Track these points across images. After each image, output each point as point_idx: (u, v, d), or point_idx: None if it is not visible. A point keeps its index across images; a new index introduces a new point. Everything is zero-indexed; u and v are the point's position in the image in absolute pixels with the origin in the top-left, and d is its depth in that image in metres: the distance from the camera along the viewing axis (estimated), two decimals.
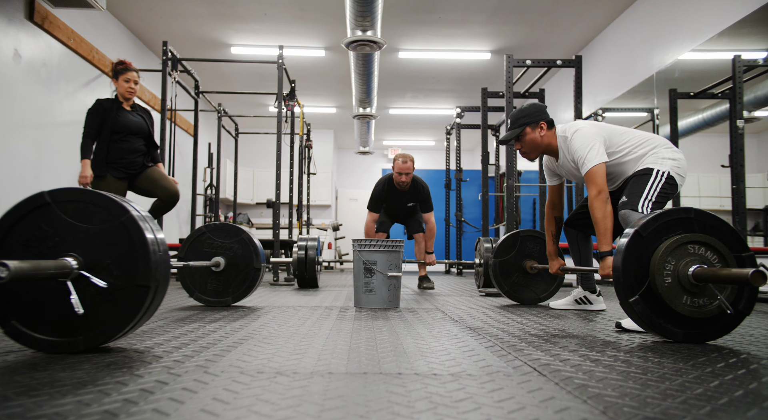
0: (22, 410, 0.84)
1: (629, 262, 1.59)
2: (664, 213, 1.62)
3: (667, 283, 1.54)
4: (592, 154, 2.15)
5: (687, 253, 1.55)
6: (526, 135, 2.35)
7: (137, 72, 3.51)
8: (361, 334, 1.71)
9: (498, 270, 2.88)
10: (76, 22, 4.90)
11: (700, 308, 1.54)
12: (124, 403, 0.89)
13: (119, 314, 1.36)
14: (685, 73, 5.14)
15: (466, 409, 0.87)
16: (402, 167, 4.10)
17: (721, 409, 0.88)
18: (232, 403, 0.89)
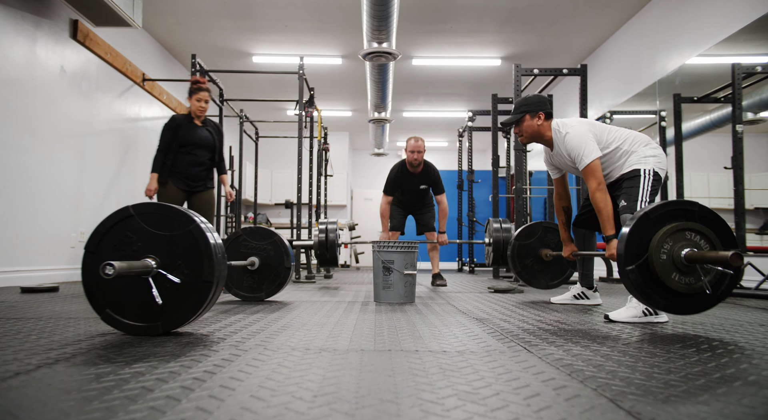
0: (145, 369, 1.16)
1: (633, 237, 1.88)
2: (672, 202, 1.91)
3: (662, 260, 1.83)
4: (587, 150, 2.45)
5: (684, 238, 1.84)
6: (525, 121, 2.63)
7: (209, 91, 3.83)
8: (383, 323, 2.02)
9: (516, 251, 3.20)
10: (113, 38, 5.27)
11: (687, 285, 1.82)
12: (214, 367, 1.20)
13: (189, 304, 1.68)
14: (689, 78, 5.35)
15: (467, 373, 1.17)
16: (414, 146, 4.42)
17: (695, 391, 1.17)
18: (293, 368, 1.20)
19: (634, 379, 1.12)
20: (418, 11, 5.64)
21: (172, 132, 3.73)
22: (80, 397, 0.95)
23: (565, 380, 1.11)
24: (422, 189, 4.57)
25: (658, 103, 5.67)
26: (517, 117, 2.65)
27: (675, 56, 5.21)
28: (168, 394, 0.97)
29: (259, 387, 1.03)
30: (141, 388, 1.01)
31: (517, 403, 0.94)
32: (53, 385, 1.03)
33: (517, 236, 3.26)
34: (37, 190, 4.19)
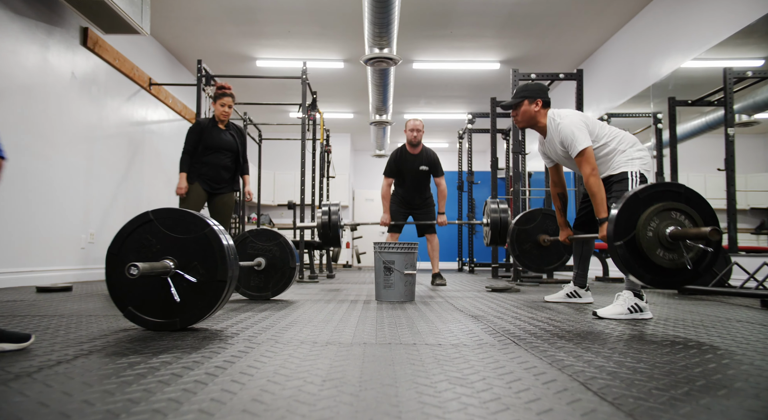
0: (171, 359, 1.30)
1: (623, 215, 2.02)
2: (660, 184, 2.05)
3: (648, 237, 1.97)
4: (581, 138, 2.60)
5: (670, 217, 1.98)
6: (523, 106, 2.78)
7: (233, 96, 3.98)
8: (384, 320, 2.16)
9: (516, 235, 3.35)
10: (120, 44, 5.42)
11: (670, 261, 1.96)
12: (232, 357, 1.34)
13: (204, 302, 1.81)
14: (684, 81, 5.47)
15: (458, 363, 1.30)
16: (413, 125, 4.62)
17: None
18: (303, 359, 1.33)
19: (606, 367, 1.25)
20: (419, 17, 5.77)
21: (197, 135, 3.88)
22: (119, 381, 1.08)
23: (546, 368, 1.25)
24: (422, 170, 4.68)
25: (652, 105, 5.80)
26: (516, 101, 2.80)
27: (668, 61, 5.34)
28: (195, 379, 1.11)
29: (274, 373, 1.16)
30: (171, 374, 1.15)
31: (500, 386, 1.07)
32: (93, 371, 1.17)
33: (517, 221, 3.42)
34: (48, 192, 4.34)
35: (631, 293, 2.36)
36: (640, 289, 2.38)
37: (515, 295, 3.53)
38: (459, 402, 0.95)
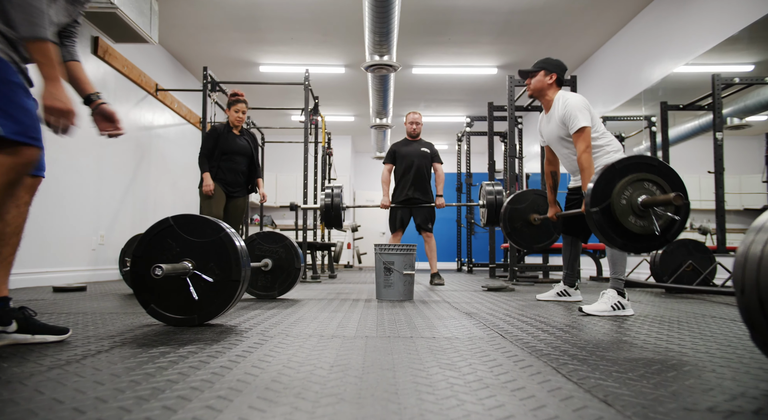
0: (196, 350, 1.47)
1: (600, 184, 2.20)
2: (636, 156, 2.22)
3: (622, 204, 2.15)
4: (583, 116, 2.76)
5: (642, 187, 2.16)
6: (538, 75, 2.97)
7: (246, 103, 4.14)
8: (384, 316, 2.33)
9: (508, 214, 3.54)
10: (129, 52, 5.59)
11: (641, 227, 2.15)
12: (249, 348, 1.51)
13: (220, 300, 1.99)
14: (677, 85, 5.63)
15: (449, 352, 1.48)
16: (413, 118, 4.92)
17: None
18: (312, 349, 1.51)
19: (578, 355, 1.43)
20: (418, 24, 5.94)
21: (214, 140, 4.04)
22: (155, 366, 1.26)
23: (525, 356, 1.42)
24: (423, 151, 4.85)
25: (643, 109, 5.98)
26: (534, 69, 3.00)
27: (659, 68, 5.52)
28: (221, 365, 1.28)
29: (288, 361, 1.34)
30: (198, 361, 1.32)
31: (483, 370, 1.25)
32: (131, 359, 1.35)
33: (510, 201, 3.61)
34: (62, 196, 4.51)
35: (615, 292, 2.53)
36: (623, 288, 2.56)
37: (510, 295, 3.70)
38: (447, 382, 1.13)
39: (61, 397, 0.98)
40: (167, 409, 0.91)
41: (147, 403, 0.95)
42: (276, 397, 0.99)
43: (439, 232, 6.50)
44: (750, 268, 1.05)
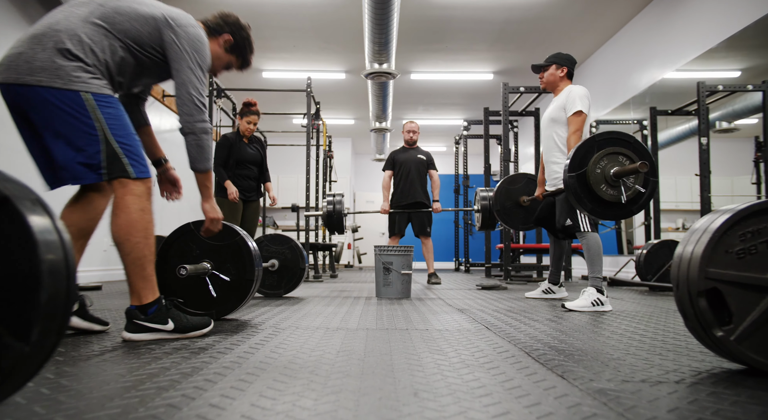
0: (219, 339, 1.70)
1: (579, 152, 2.44)
2: (614, 132, 2.46)
3: (596, 173, 2.39)
4: (583, 102, 3.02)
5: (617, 160, 2.40)
6: (550, 69, 3.23)
7: (259, 114, 4.31)
8: (383, 312, 2.56)
9: (501, 194, 3.79)
10: None
11: (611, 196, 2.40)
12: (265, 338, 1.74)
13: (235, 297, 2.21)
14: (662, 91, 5.85)
15: (439, 341, 1.70)
16: (410, 127, 5.20)
17: None
18: (320, 339, 1.73)
19: (550, 343, 1.65)
20: (416, 32, 6.17)
21: (227, 150, 4.22)
22: (189, 352, 1.48)
23: (505, 344, 1.65)
24: (420, 158, 5.10)
25: (632, 114, 6.22)
26: (546, 64, 3.25)
27: (646, 76, 5.75)
28: (244, 351, 1.51)
29: (300, 347, 1.56)
30: (224, 348, 1.55)
31: (467, 355, 1.47)
32: (165, 346, 1.57)
33: (504, 180, 3.85)
34: None
35: (595, 289, 2.75)
36: (602, 285, 2.78)
37: (501, 293, 3.93)
38: (435, 363, 1.35)
39: (112, 378, 1.21)
40: (209, 381, 1.14)
41: (191, 376, 1.17)
42: (294, 374, 1.22)
43: (437, 233, 6.72)
44: (682, 266, 1.28)
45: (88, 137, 1.54)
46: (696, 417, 0.91)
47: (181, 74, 1.70)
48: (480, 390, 1.08)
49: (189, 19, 1.79)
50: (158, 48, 1.71)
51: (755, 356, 1.21)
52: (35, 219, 0.76)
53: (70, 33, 1.55)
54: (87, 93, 1.54)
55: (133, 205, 1.62)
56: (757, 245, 1.22)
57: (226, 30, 2.00)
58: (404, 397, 1.02)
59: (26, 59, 1.50)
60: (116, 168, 1.59)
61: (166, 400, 0.99)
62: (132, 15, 1.67)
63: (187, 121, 1.74)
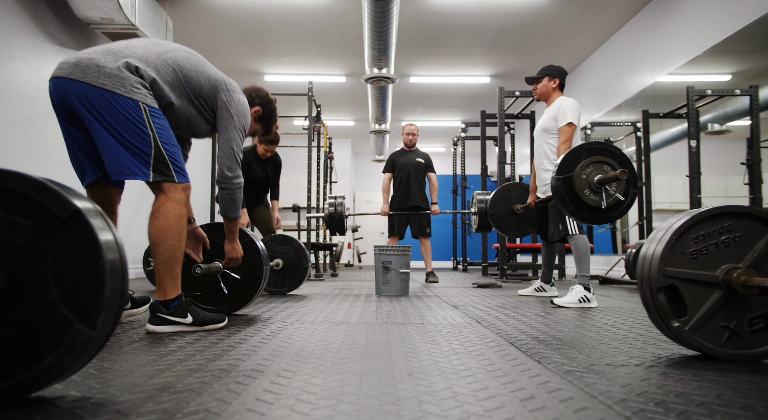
0: (234, 331, 1.87)
1: (568, 157, 2.62)
2: (602, 143, 2.64)
3: (581, 178, 2.57)
4: (573, 114, 3.21)
5: (601, 168, 2.58)
6: (543, 81, 3.42)
7: (278, 142, 4.49)
8: (382, 308, 2.73)
9: (496, 201, 3.98)
10: None
11: (592, 201, 2.58)
12: (275, 331, 1.91)
13: (246, 293, 2.39)
14: (653, 94, 6.01)
15: (433, 333, 1.88)
16: (409, 129, 5.32)
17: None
18: (325, 331, 1.91)
19: (533, 334, 1.83)
20: (415, 38, 6.33)
21: (244, 167, 4.41)
22: (208, 342, 1.66)
23: (493, 335, 1.82)
24: (418, 162, 5.26)
25: (623, 116, 6.40)
26: (539, 76, 3.45)
27: (638, 79, 5.92)
28: (258, 341, 1.68)
29: (308, 338, 1.74)
30: (239, 339, 1.72)
31: (457, 344, 1.65)
32: (185, 338, 1.75)
33: (501, 187, 4.03)
34: None
35: (582, 287, 2.93)
36: (588, 283, 2.96)
37: (496, 291, 4.10)
38: (428, 351, 1.53)
39: (146, 362, 1.38)
40: (232, 365, 1.31)
41: (215, 362, 1.35)
42: (304, 359, 1.39)
43: (436, 233, 6.89)
44: (645, 265, 1.45)
45: (143, 140, 1.74)
46: (643, 390, 1.08)
47: (228, 132, 1.98)
48: (465, 372, 1.26)
49: (239, 88, 2.09)
50: (210, 104, 1.98)
51: (706, 343, 1.38)
52: (99, 227, 0.93)
53: (142, 58, 1.79)
54: (144, 104, 1.74)
55: (173, 211, 1.82)
56: (707, 247, 1.40)
57: (257, 102, 2.31)
58: (400, 377, 1.20)
59: (97, 64, 1.71)
60: (162, 171, 1.79)
61: (198, 379, 1.16)
62: (199, 69, 1.94)
63: (226, 175, 2.00)
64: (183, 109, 1.93)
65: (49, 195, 0.90)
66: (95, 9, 4.30)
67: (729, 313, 1.38)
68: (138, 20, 4.60)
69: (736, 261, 1.38)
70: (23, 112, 4.07)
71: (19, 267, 0.90)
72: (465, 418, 0.89)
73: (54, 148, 4.32)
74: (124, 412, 0.91)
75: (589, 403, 0.99)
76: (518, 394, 1.05)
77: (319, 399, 1.01)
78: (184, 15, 5.77)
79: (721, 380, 1.17)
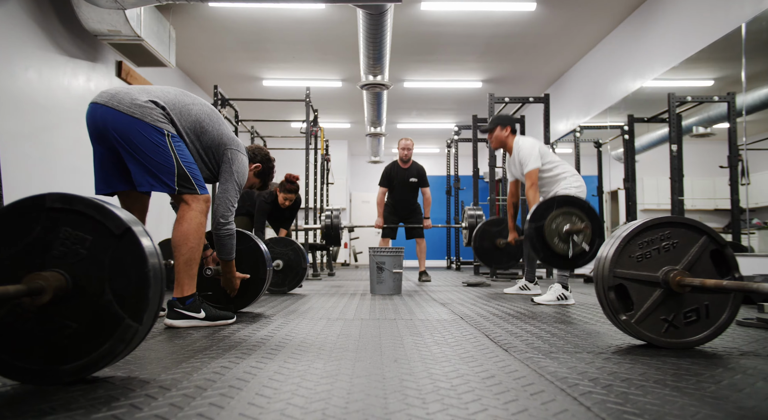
0: (241, 326, 2.11)
1: (541, 207, 2.87)
2: (572, 197, 2.88)
3: (552, 228, 2.81)
4: (532, 161, 3.43)
5: (570, 219, 2.82)
6: (496, 131, 3.66)
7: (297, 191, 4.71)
8: (376, 305, 2.97)
9: (480, 232, 4.22)
10: (146, 71, 6.20)
11: (560, 249, 2.82)
12: (278, 326, 2.15)
13: (251, 292, 2.62)
14: (644, 97, 6.24)
15: (420, 328, 2.12)
16: (404, 144, 5.49)
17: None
18: (324, 326, 2.14)
19: (508, 328, 2.07)
20: (409, 45, 6.56)
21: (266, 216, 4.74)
22: (221, 335, 1.89)
23: (472, 330, 2.06)
24: (412, 182, 5.49)
25: (608, 121, 6.66)
26: (491, 127, 3.70)
27: (623, 85, 6.17)
28: (264, 335, 1.92)
29: (308, 332, 1.97)
30: (248, 333, 1.96)
31: (440, 336, 1.88)
32: (200, 331, 1.98)
33: (485, 222, 4.26)
34: None
35: (560, 285, 3.17)
36: (567, 282, 3.20)
37: (484, 289, 4.34)
38: (414, 343, 1.76)
39: (172, 351, 1.62)
40: (245, 354, 1.55)
41: (229, 352, 1.58)
42: (306, 350, 1.63)
43: (430, 233, 7.13)
44: (599, 267, 1.69)
45: (167, 160, 2.00)
46: (584, 370, 1.32)
47: (227, 184, 2.27)
48: (442, 358, 1.49)
49: (244, 149, 2.41)
50: (217, 157, 2.27)
51: (649, 334, 1.63)
52: (145, 242, 1.16)
53: (170, 103, 2.08)
54: (168, 132, 2.02)
55: (195, 220, 2.07)
56: (651, 251, 1.64)
57: (257, 160, 2.68)
58: (387, 363, 1.43)
59: (131, 96, 1.99)
60: (185, 185, 2.06)
61: (220, 363, 1.40)
62: (216, 125, 2.24)
63: (220, 222, 2.27)
64: (192, 152, 2.18)
65: (106, 215, 1.14)
66: (103, 22, 4.51)
67: (668, 308, 1.62)
68: (143, 32, 4.81)
69: (674, 264, 1.63)
70: (36, 121, 4.29)
71: (83, 273, 1.13)
72: (435, 391, 1.13)
73: (64, 156, 4.54)
74: (165, 387, 1.14)
75: (537, 379, 1.23)
76: (482, 374, 1.28)
77: (320, 378, 1.24)
78: (186, 25, 5.98)
79: (651, 363, 1.41)
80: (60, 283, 1.11)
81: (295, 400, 1.06)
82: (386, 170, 5.58)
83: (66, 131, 4.68)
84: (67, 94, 4.73)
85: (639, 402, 1.05)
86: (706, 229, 1.64)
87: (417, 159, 5.76)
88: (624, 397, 1.08)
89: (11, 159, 3.87)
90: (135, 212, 2.24)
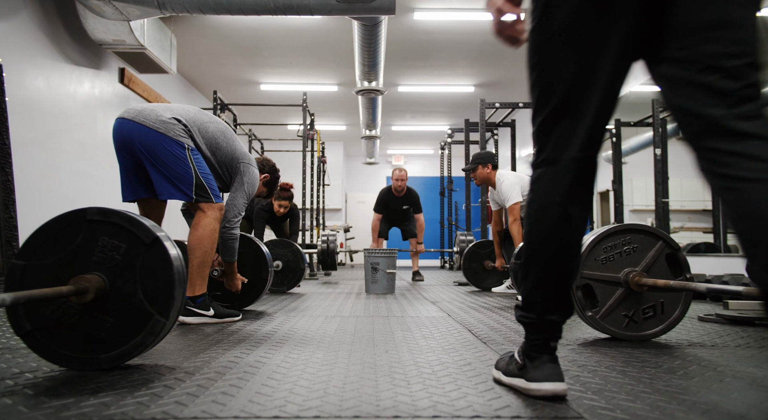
0: (248, 322, 2.30)
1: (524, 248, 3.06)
2: None
3: None
4: (513, 196, 3.62)
5: None
6: (478, 169, 3.87)
7: (292, 198, 4.93)
8: (370, 304, 3.17)
9: (469, 254, 4.39)
10: (148, 78, 6.37)
11: None
12: (281, 322, 2.34)
13: (254, 292, 2.82)
14: (635, 101, 6.45)
15: (410, 324, 2.32)
16: (398, 175, 5.66)
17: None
18: (322, 322, 2.34)
19: (490, 324, 2.27)
20: (403, 51, 6.76)
21: (263, 221, 4.96)
22: (230, 332, 2.08)
23: (457, 325, 2.27)
24: (405, 209, 5.73)
25: None
26: (473, 166, 3.91)
27: None
28: (268, 330, 2.11)
29: (308, 327, 2.17)
30: (254, 328, 2.15)
31: (427, 331, 2.09)
32: (210, 327, 2.17)
33: (474, 244, 4.44)
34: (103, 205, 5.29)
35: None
36: None
37: (474, 288, 4.55)
38: (403, 337, 1.96)
39: (190, 343, 1.81)
40: (253, 346, 1.75)
41: (238, 345, 1.78)
42: (307, 342, 1.83)
43: (426, 232, 7.34)
44: None
45: (186, 172, 2.20)
46: None
47: (237, 192, 2.50)
48: (428, 350, 1.70)
49: (255, 163, 2.61)
50: (230, 170, 2.49)
51: (611, 328, 1.83)
52: (171, 249, 1.36)
53: (191, 121, 2.29)
54: (188, 146, 2.22)
55: (209, 226, 2.26)
56: (614, 255, 1.85)
57: (266, 170, 2.95)
58: (379, 353, 1.63)
59: (156, 114, 2.19)
60: (202, 194, 2.25)
61: (233, 354, 1.59)
62: (230, 142, 2.45)
63: (226, 227, 2.46)
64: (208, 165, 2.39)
65: (138, 226, 1.33)
66: (108, 32, 4.69)
67: (628, 305, 1.83)
68: (146, 41, 4.99)
69: (634, 266, 1.83)
70: (44, 127, 4.46)
71: (118, 276, 1.33)
72: (419, 375, 1.33)
73: (71, 161, 4.71)
74: (190, 372, 1.34)
75: None
76: (460, 362, 1.49)
77: (320, 365, 1.44)
78: (187, 33, 6.16)
79: (609, 352, 1.62)
80: (100, 285, 1.31)
81: (300, 382, 1.26)
82: (381, 197, 5.77)
83: (71, 136, 4.86)
84: (73, 100, 4.91)
85: (587, 382, 1.26)
86: (662, 235, 1.85)
87: (412, 161, 5.97)
88: (575, 379, 1.29)
89: (20, 164, 4.05)
90: (153, 218, 2.42)
